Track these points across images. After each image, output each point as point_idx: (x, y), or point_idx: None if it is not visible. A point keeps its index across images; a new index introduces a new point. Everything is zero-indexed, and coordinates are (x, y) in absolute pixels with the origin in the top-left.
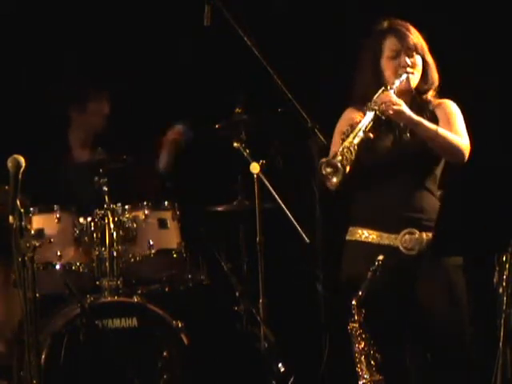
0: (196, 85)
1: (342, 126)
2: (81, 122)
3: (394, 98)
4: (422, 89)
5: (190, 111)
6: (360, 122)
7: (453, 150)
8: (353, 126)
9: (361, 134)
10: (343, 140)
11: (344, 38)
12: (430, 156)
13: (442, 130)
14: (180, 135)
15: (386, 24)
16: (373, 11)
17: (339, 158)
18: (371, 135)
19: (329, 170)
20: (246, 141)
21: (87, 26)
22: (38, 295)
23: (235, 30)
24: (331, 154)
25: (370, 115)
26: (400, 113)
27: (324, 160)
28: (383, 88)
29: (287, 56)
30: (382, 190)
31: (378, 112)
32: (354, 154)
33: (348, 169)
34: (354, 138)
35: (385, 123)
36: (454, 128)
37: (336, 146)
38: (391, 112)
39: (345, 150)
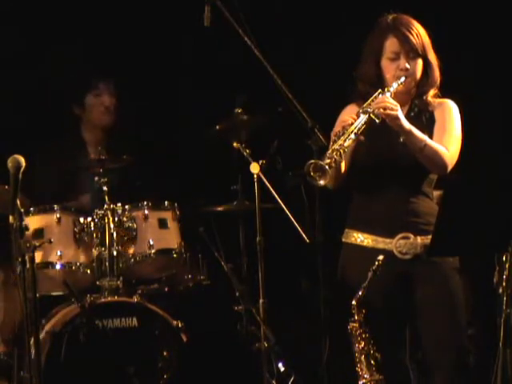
0: (196, 85)
1: (339, 122)
2: (85, 119)
3: (390, 102)
4: (422, 89)
5: (190, 111)
6: (352, 123)
7: (436, 162)
8: (345, 128)
9: (352, 136)
10: (334, 142)
11: (344, 38)
12: None
13: (430, 142)
14: None
15: (390, 19)
16: (373, 10)
17: (327, 160)
18: (363, 138)
19: (316, 172)
20: (246, 141)
21: (86, 28)
22: (38, 295)
23: (235, 30)
24: None
25: (363, 117)
26: (394, 118)
27: (311, 162)
28: (380, 90)
29: (287, 56)
30: (378, 195)
31: (372, 115)
32: (343, 156)
33: (343, 168)
34: (344, 140)
35: (379, 126)
36: (446, 135)
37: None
38: (385, 116)
39: (334, 153)
